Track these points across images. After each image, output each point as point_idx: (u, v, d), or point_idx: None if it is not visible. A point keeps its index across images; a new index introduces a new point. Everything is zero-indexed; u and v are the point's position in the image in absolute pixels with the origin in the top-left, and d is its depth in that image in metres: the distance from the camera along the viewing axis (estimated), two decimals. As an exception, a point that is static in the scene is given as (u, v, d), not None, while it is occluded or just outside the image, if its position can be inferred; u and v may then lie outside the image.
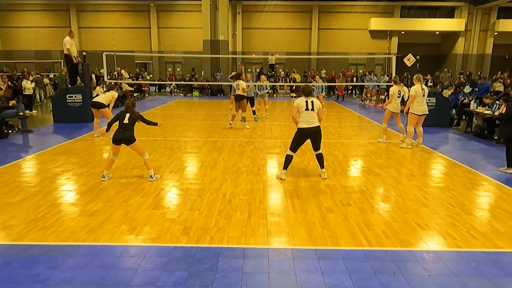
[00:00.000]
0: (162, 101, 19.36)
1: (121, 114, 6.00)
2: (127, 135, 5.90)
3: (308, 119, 5.99)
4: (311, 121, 5.98)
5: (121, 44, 29.47)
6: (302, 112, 6.02)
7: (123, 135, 5.89)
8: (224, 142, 9.14)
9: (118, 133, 5.92)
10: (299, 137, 6.11)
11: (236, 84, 10.81)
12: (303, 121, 6.01)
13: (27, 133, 10.04)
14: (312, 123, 5.99)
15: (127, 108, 6.01)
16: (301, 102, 6.02)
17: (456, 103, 12.83)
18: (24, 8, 30.35)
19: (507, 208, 5.07)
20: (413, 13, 30.89)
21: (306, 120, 6.00)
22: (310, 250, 3.84)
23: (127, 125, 5.92)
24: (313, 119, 6.00)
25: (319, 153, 6.25)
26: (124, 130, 5.90)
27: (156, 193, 5.48)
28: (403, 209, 4.98)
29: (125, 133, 5.89)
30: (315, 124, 6.01)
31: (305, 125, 6.00)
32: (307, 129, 6.00)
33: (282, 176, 6.25)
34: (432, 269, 3.50)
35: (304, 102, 6.00)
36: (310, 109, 5.98)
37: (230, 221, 4.50)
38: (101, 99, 9.24)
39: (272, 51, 27.76)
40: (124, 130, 5.90)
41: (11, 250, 3.80)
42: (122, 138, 5.90)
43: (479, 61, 30.81)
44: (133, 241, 3.98)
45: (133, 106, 6.04)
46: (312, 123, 5.99)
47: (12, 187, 5.67)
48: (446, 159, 7.77)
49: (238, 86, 10.71)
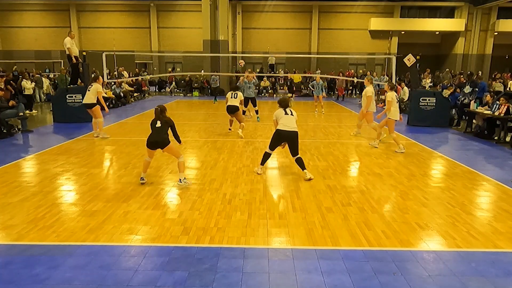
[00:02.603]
0: (162, 101, 19.34)
1: (152, 122, 5.84)
2: (162, 138, 5.73)
3: (287, 123, 6.22)
4: (290, 125, 6.21)
5: (121, 44, 29.49)
6: (281, 118, 6.28)
7: (157, 138, 5.73)
8: (224, 142, 9.13)
9: (151, 137, 5.77)
10: (276, 138, 6.35)
11: (234, 94, 9.71)
12: (282, 124, 6.25)
13: (27, 133, 10.04)
14: (290, 127, 6.20)
15: (156, 114, 5.83)
16: (279, 113, 6.32)
17: (456, 103, 12.83)
18: (24, 8, 30.36)
19: (507, 208, 5.07)
20: (413, 13, 30.90)
21: (284, 123, 6.23)
22: (310, 250, 3.84)
23: (160, 129, 5.75)
24: (292, 124, 6.23)
25: (298, 157, 6.34)
26: (158, 134, 5.73)
27: (156, 193, 5.48)
28: (403, 209, 4.98)
29: (159, 136, 5.72)
30: (293, 129, 6.22)
31: (283, 127, 6.22)
32: (284, 131, 6.21)
33: (258, 171, 6.52)
34: (432, 269, 3.50)
35: (282, 111, 6.30)
36: (290, 114, 6.27)
37: (230, 221, 4.50)
38: (88, 98, 9.26)
39: (272, 51, 27.76)
40: (158, 133, 5.74)
41: (11, 250, 3.80)
42: (157, 141, 5.74)
43: (479, 61, 30.82)
44: (133, 241, 3.98)
45: (161, 112, 5.81)
46: (290, 127, 6.21)
47: (12, 187, 5.67)
48: (446, 159, 7.77)
49: (236, 96, 9.67)
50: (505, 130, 9.47)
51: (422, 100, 11.77)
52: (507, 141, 9.34)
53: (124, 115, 13.62)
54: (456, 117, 12.48)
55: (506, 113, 9.20)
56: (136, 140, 9.28)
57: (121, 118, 12.87)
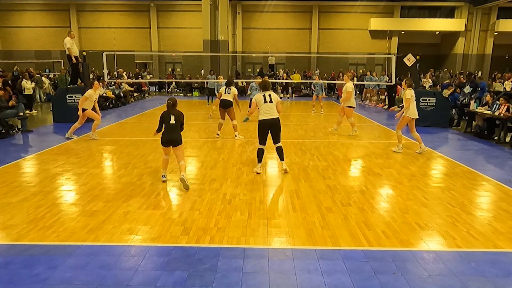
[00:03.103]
0: (162, 101, 19.33)
1: (165, 115, 5.73)
2: (176, 137, 5.73)
3: (266, 111, 6.39)
4: (270, 113, 6.39)
5: (121, 44, 29.49)
6: (261, 106, 6.44)
7: (172, 137, 5.71)
8: (224, 142, 9.13)
9: (166, 135, 5.73)
10: (261, 129, 6.51)
11: (228, 89, 9.52)
12: (262, 113, 6.43)
13: (27, 133, 10.04)
14: (270, 115, 6.39)
15: (168, 107, 5.75)
16: (259, 97, 6.46)
17: (456, 103, 12.83)
18: (24, 8, 30.37)
19: (507, 208, 5.07)
20: (413, 13, 30.91)
21: (264, 112, 6.41)
22: (310, 250, 3.84)
23: (174, 126, 5.70)
24: (272, 111, 6.41)
25: (279, 146, 6.54)
26: (172, 131, 5.70)
27: (156, 193, 5.48)
28: (403, 209, 4.98)
29: (174, 134, 5.71)
30: (274, 116, 6.42)
31: (264, 116, 6.41)
32: (265, 120, 6.40)
33: (258, 170, 6.57)
34: (432, 269, 3.50)
35: (262, 97, 6.42)
36: (269, 101, 6.40)
37: (230, 221, 4.50)
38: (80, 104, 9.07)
39: (272, 51, 27.76)
40: (172, 131, 5.70)
41: (11, 250, 3.80)
42: (171, 139, 5.72)
43: (479, 61, 30.83)
44: (133, 241, 3.98)
45: (173, 105, 5.75)
46: (271, 114, 6.40)
47: (12, 187, 5.67)
48: (446, 159, 7.77)
49: (229, 91, 9.50)
50: (505, 130, 9.47)
51: (422, 100, 11.75)
52: (507, 141, 9.34)
53: (124, 115, 13.61)
54: (456, 117, 12.48)
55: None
56: (136, 140, 9.29)
57: (121, 118, 12.86)
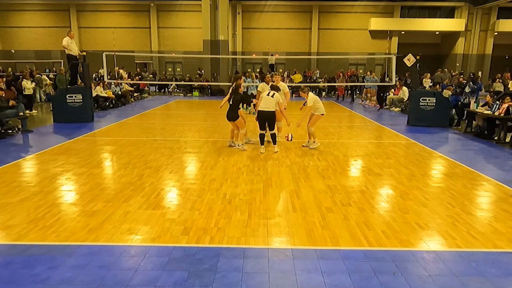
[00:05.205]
0: (162, 101, 19.36)
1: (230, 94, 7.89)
2: (233, 115, 7.83)
3: (265, 104, 7.56)
4: (267, 106, 7.53)
5: (121, 44, 29.49)
6: (263, 98, 7.65)
7: (230, 114, 7.87)
8: (224, 142, 9.12)
9: (228, 112, 7.91)
10: (259, 117, 7.76)
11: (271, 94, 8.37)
12: (261, 104, 7.61)
13: (27, 133, 10.04)
14: (267, 108, 7.53)
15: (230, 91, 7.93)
16: (264, 87, 8.05)
17: (456, 103, 12.82)
18: (24, 8, 30.39)
19: (507, 208, 5.07)
20: (413, 13, 30.92)
21: (263, 103, 7.58)
22: (310, 250, 3.84)
23: (232, 106, 7.82)
24: (269, 104, 7.52)
25: (273, 133, 7.82)
26: (231, 110, 7.84)
27: (156, 193, 5.48)
28: (403, 209, 4.98)
29: (231, 112, 7.84)
30: (270, 109, 7.53)
31: (262, 108, 7.57)
32: (262, 111, 7.58)
33: (261, 150, 7.85)
34: (432, 269, 3.50)
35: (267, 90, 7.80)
36: (270, 95, 7.55)
37: (230, 221, 4.50)
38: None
39: (272, 51, 27.78)
40: (231, 110, 7.83)
41: (11, 250, 3.80)
42: (230, 116, 7.86)
43: (479, 61, 30.84)
44: (133, 241, 3.98)
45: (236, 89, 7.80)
46: (268, 107, 7.53)
47: (12, 187, 5.67)
48: (446, 159, 7.77)
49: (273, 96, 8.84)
50: (505, 130, 9.47)
51: (422, 100, 11.76)
52: (507, 141, 9.34)
53: (124, 115, 13.60)
54: (456, 117, 12.48)
55: (506, 113, 9.20)
56: (136, 140, 9.29)
57: (121, 118, 12.86)
